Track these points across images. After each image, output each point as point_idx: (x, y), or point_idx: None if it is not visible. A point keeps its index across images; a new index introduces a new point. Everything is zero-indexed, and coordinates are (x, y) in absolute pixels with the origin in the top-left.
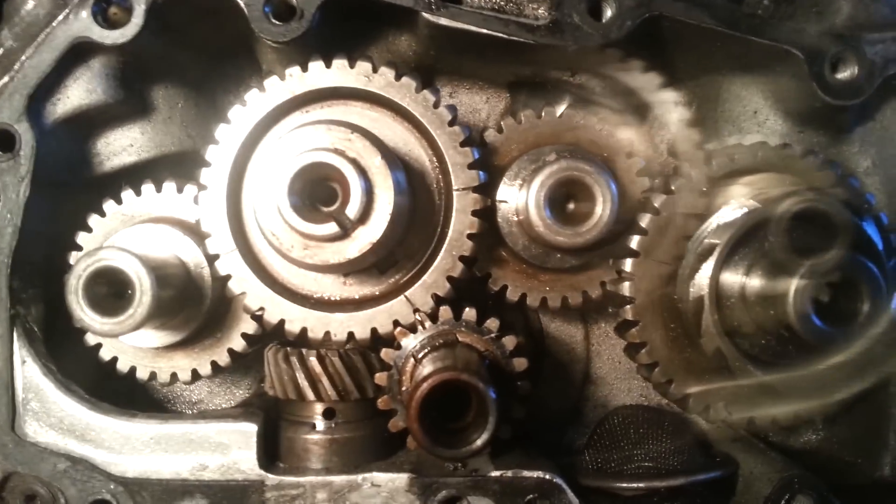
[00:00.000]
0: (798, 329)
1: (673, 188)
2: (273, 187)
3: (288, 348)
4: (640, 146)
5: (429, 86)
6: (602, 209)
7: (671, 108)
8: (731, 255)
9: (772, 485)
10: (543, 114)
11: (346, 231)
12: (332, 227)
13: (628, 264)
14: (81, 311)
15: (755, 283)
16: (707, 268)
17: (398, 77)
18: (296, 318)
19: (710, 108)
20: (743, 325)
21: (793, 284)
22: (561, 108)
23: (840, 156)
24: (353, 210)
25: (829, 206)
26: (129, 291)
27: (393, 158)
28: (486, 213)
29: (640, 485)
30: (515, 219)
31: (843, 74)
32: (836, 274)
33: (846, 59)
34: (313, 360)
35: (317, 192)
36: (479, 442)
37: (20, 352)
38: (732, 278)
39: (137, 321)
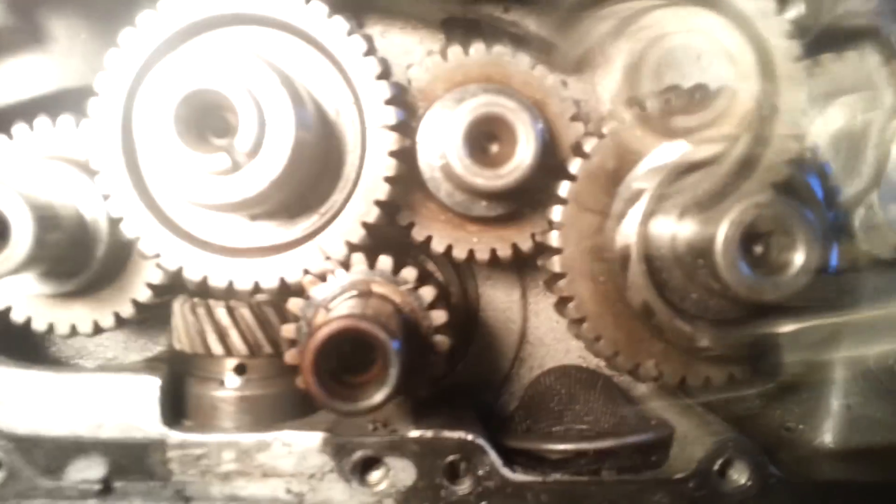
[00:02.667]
0: (726, 278)
1: (605, 132)
2: (161, 116)
3: (196, 299)
4: (576, 90)
5: (354, 22)
6: (524, 150)
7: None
8: (659, 201)
9: (707, 449)
10: (472, 51)
11: (237, 164)
12: (222, 160)
13: (557, 213)
14: None
15: (684, 230)
16: (635, 215)
17: (307, 0)
18: (196, 265)
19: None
20: (672, 276)
21: (722, 231)
22: (494, 47)
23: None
24: (243, 142)
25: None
26: (7, 231)
27: (295, 89)
28: (405, 155)
29: (568, 447)
30: (438, 163)
31: (789, 14)
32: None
33: None
34: (221, 312)
35: (212, 123)
36: (377, 396)
37: None
38: (661, 226)
39: (15, 263)
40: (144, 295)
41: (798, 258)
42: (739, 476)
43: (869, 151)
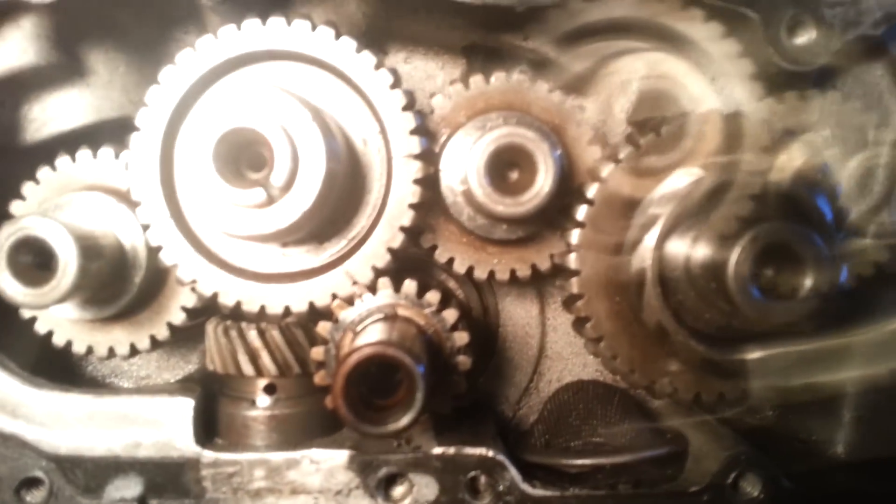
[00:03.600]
0: (737, 301)
1: (620, 157)
2: (199, 152)
3: (228, 322)
4: (593, 114)
5: (378, 50)
6: (543, 178)
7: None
8: (674, 225)
9: (720, 463)
10: (493, 79)
11: (272, 198)
12: (258, 195)
13: (575, 235)
14: (3, 281)
15: (698, 254)
16: (650, 238)
17: (337, 37)
18: (230, 291)
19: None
20: (685, 298)
21: (734, 255)
22: (513, 75)
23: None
24: (278, 177)
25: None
26: (54, 262)
27: (325, 123)
28: (429, 182)
29: (585, 461)
30: (460, 188)
31: (801, 39)
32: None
33: (804, 22)
34: (253, 334)
35: (247, 157)
36: (404, 420)
37: None
38: (675, 249)
39: (61, 293)
40: (179, 318)
41: (807, 282)
42: (752, 489)
43: (878, 176)
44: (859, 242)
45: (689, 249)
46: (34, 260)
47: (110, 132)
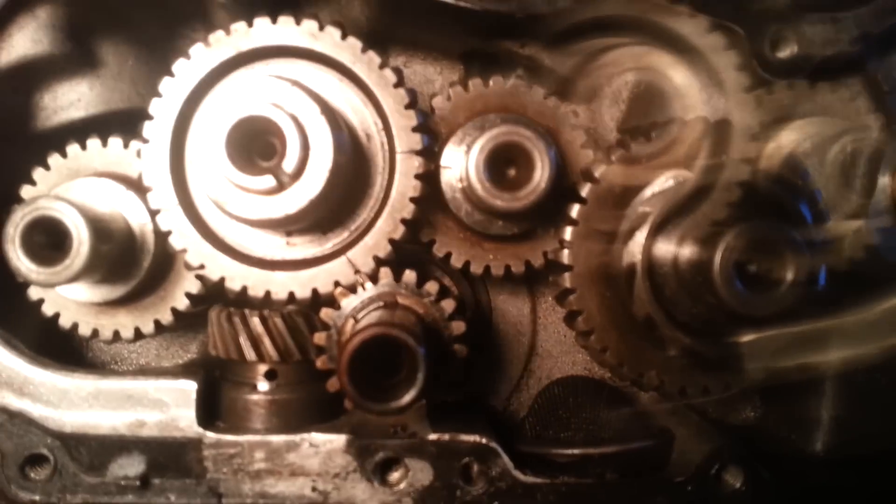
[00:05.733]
0: (722, 294)
1: (613, 159)
2: (212, 139)
3: (231, 309)
4: (585, 119)
5: (380, 51)
6: (540, 175)
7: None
8: (663, 223)
9: (704, 455)
10: (491, 82)
11: (282, 185)
12: (268, 181)
13: (568, 233)
14: (17, 259)
15: (686, 250)
16: (640, 235)
17: (344, 37)
18: (236, 276)
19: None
20: (673, 292)
21: (718, 251)
22: (510, 79)
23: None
24: (289, 164)
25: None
26: (67, 242)
27: (333, 116)
28: (430, 178)
29: (575, 451)
30: (459, 185)
31: (783, 53)
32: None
33: (786, 37)
34: (256, 321)
35: (257, 146)
36: (406, 397)
37: None
38: (665, 246)
39: (74, 272)
40: (183, 304)
41: (788, 275)
42: (734, 480)
43: (856, 181)
44: (850, 225)
45: (677, 245)
46: (47, 240)
47: (118, 123)
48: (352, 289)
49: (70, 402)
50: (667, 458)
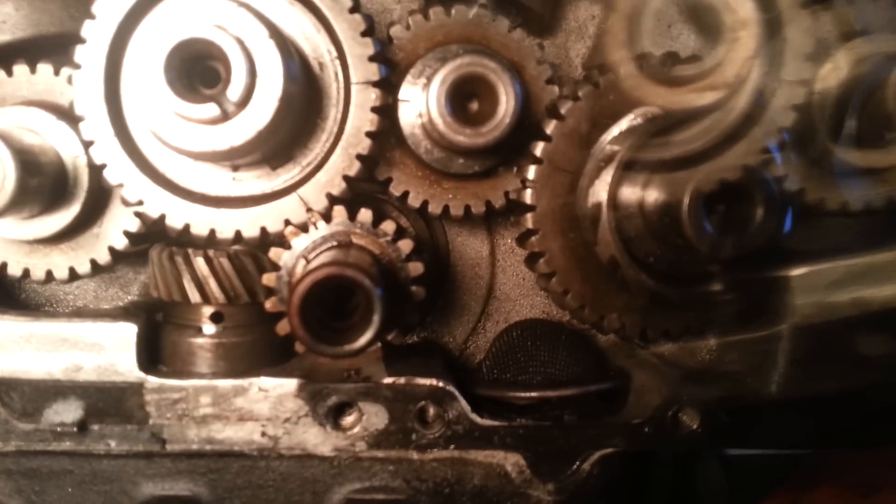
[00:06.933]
0: (690, 235)
1: (580, 95)
2: (150, 64)
3: (173, 248)
4: (551, 54)
5: None
6: (504, 109)
7: None
8: (630, 162)
9: (661, 397)
10: (454, 11)
11: (226, 115)
12: (212, 109)
13: (531, 171)
14: None
15: (652, 190)
16: (607, 175)
17: None
18: (178, 213)
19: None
20: (639, 233)
21: (687, 194)
22: (473, 9)
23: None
24: (234, 92)
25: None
26: None
27: (283, 42)
28: (387, 111)
29: (533, 394)
30: (418, 120)
31: None
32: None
33: None
34: (200, 261)
35: (200, 72)
36: (361, 340)
37: None
38: (631, 186)
39: None
40: (121, 243)
41: (757, 218)
42: (691, 422)
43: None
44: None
45: (644, 186)
46: None
47: (48, 47)
48: (303, 228)
49: (1, 346)
50: (624, 400)
